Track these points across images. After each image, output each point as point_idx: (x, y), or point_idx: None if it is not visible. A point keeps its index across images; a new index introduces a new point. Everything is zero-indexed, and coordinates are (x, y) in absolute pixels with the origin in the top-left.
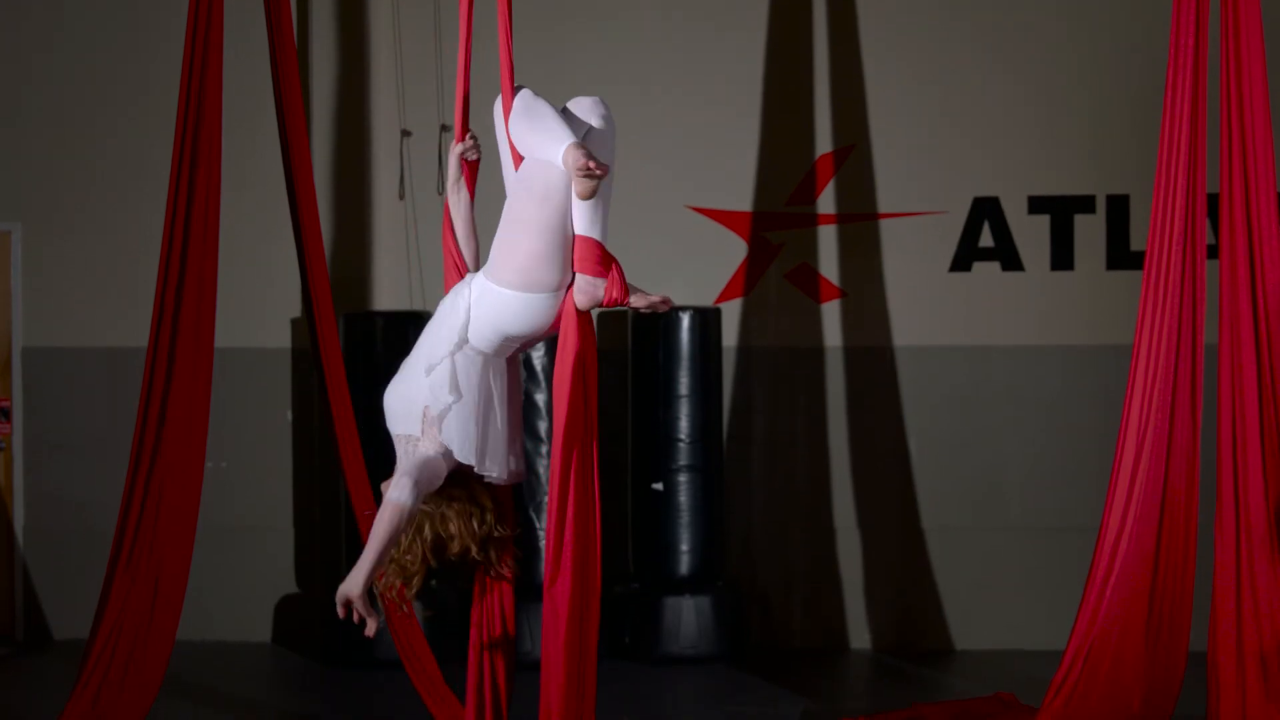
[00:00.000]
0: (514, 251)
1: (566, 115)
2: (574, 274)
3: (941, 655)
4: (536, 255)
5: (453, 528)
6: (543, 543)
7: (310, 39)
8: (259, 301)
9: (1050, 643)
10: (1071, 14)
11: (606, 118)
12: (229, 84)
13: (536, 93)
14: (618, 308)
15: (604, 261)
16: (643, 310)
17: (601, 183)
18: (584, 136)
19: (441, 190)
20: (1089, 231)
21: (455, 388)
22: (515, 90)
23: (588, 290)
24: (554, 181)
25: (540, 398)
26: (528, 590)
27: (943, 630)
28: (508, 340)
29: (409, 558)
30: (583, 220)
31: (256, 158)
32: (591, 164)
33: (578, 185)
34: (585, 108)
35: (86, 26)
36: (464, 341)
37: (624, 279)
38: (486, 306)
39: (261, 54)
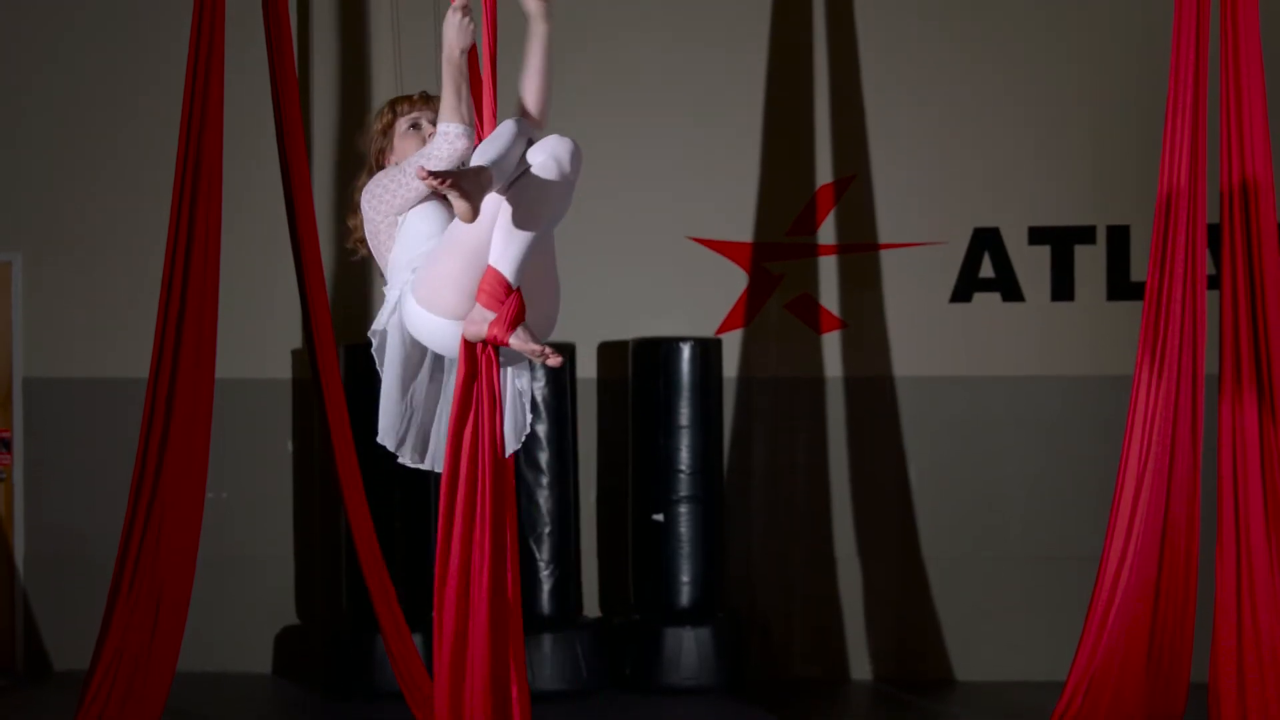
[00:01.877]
0: (431, 267)
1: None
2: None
3: (942, 685)
4: (444, 277)
5: None
6: (543, 572)
7: (311, 68)
8: (260, 332)
9: (1051, 673)
10: (1072, 46)
11: (551, 161)
12: (230, 113)
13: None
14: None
15: (497, 297)
16: (527, 354)
17: (531, 220)
18: (518, 173)
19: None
20: (1089, 262)
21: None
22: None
23: (476, 321)
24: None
25: (541, 428)
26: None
27: (943, 660)
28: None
29: None
30: (495, 250)
31: (257, 188)
32: (434, 180)
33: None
34: (538, 148)
35: (86, 57)
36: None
37: (514, 320)
38: (407, 307)
39: (263, 83)
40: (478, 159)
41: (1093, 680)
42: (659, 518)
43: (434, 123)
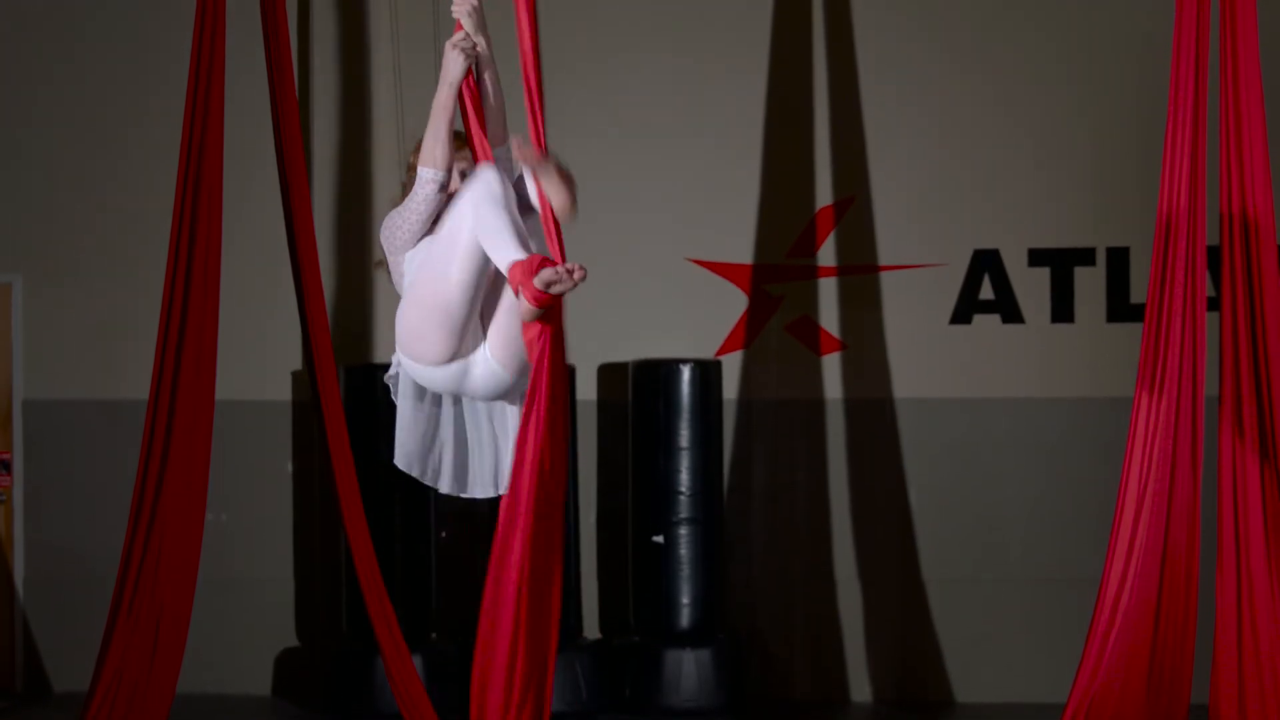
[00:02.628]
0: (402, 321)
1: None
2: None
3: (943, 707)
4: (415, 330)
5: None
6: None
7: (312, 91)
8: (260, 354)
9: (1052, 695)
10: (1072, 67)
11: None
12: (229, 136)
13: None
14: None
15: (530, 274)
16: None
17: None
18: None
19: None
20: (1089, 284)
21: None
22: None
23: (523, 310)
24: (455, 262)
25: None
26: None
27: (944, 682)
28: None
29: None
30: (494, 255)
31: (257, 210)
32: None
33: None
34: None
35: (86, 79)
36: None
37: (535, 272)
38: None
39: (263, 106)
40: (504, 251)
41: (1093, 702)
42: (659, 539)
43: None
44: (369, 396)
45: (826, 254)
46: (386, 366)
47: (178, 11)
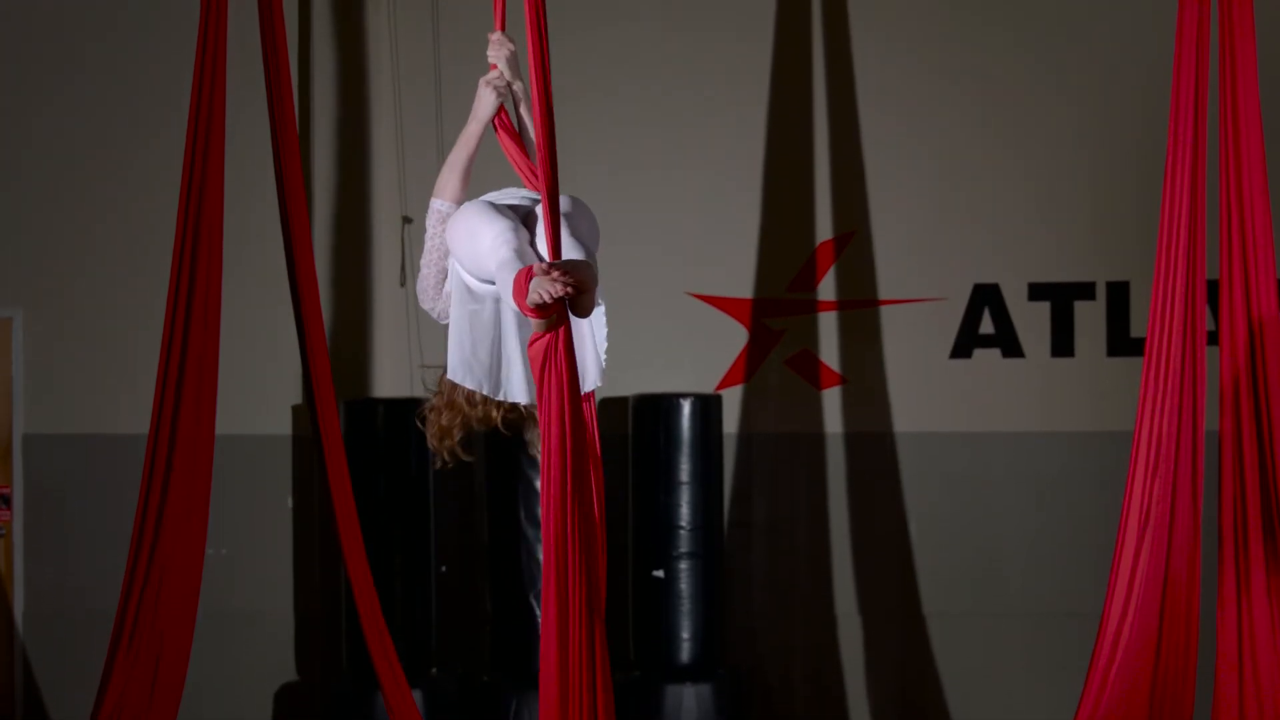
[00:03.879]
0: (452, 227)
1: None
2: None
3: None
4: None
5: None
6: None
7: (312, 123)
8: (260, 388)
9: None
10: (1073, 101)
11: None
12: (230, 168)
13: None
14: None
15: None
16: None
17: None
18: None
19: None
20: (1089, 318)
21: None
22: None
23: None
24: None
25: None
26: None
27: (944, 716)
28: None
29: (444, 417)
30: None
31: (258, 244)
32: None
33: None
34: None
35: (86, 112)
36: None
37: (528, 281)
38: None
39: (263, 139)
40: (503, 277)
41: None
42: (659, 574)
43: None
44: (369, 431)
45: (827, 288)
46: (387, 400)
47: (178, 45)
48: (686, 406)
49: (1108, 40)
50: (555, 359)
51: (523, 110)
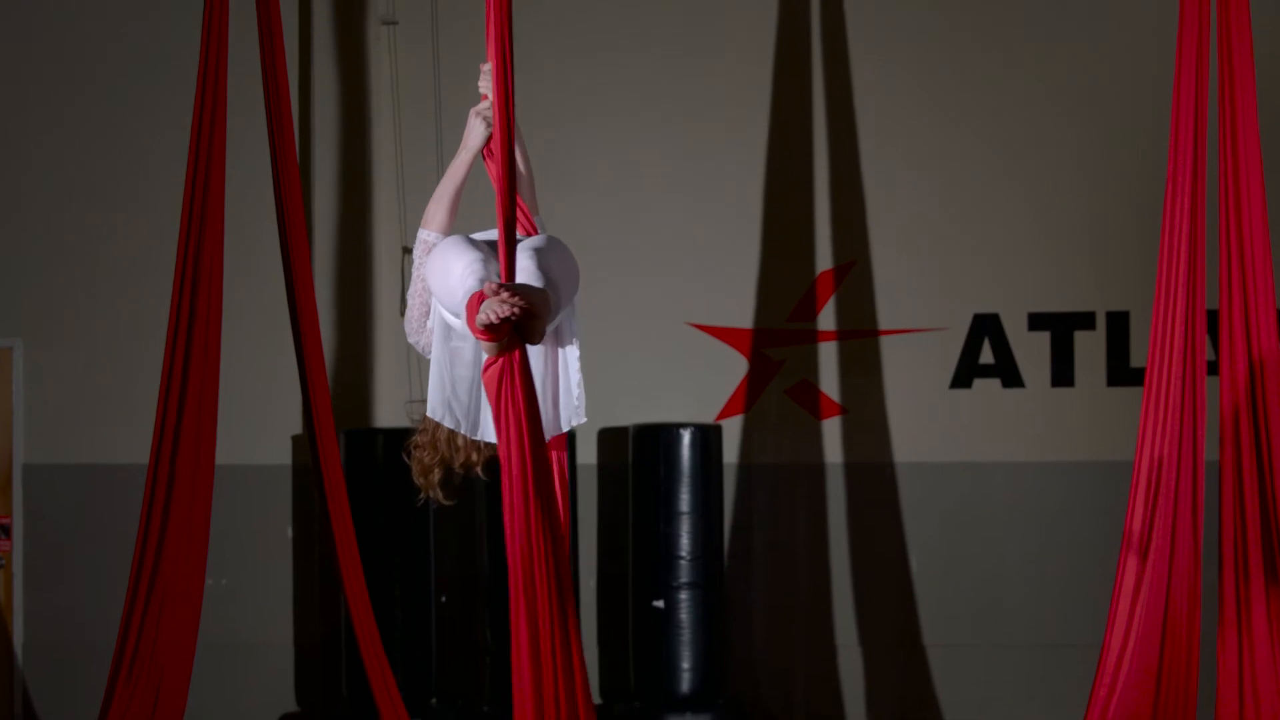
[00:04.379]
0: (430, 267)
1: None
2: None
3: None
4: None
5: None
6: None
7: (313, 154)
8: (260, 418)
9: None
10: (1073, 132)
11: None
12: (230, 198)
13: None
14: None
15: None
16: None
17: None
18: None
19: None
20: (1089, 348)
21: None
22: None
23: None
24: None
25: None
26: None
27: None
28: None
29: (426, 455)
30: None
31: (258, 274)
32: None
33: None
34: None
35: (86, 142)
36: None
37: (478, 305)
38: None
39: (264, 169)
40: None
41: None
42: (659, 604)
43: None
44: (369, 461)
45: (827, 318)
46: (387, 430)
47: (179, 75)
48: (686, 436)
49: (1107, 70)
50: (511, 385)
51: (514, 145)
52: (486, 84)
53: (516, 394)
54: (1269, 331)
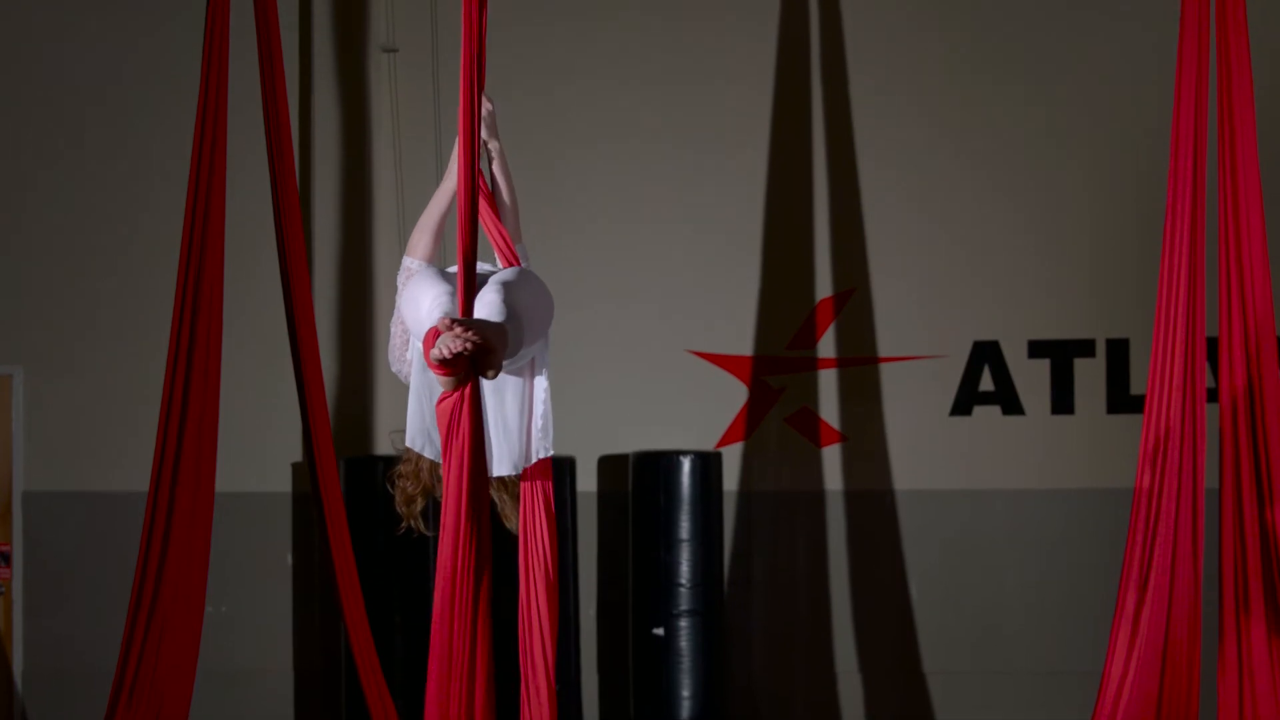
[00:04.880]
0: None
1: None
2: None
3: None
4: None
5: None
6: None
7: (313, 182)
8: (260, 445)
9: None
10: (1072, 159)
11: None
12: (230, 228)
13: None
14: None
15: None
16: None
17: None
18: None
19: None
20: (1089, 375)
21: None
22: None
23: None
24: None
25: None
26: None
27: None
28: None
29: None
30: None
31: (258, 302)
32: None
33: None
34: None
35: (87, 172)
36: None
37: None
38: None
39: (264, 200)
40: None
41: None
42: (659, 631)
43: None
44: (369, 488)
45: (827, 346)
46: (387, 458)
47: (179, 105)
48: (686, 464)
49: (1107, 98)
50: (460, 421)
51: (495, 168)
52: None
53: (464, 428)
54: (1269, 358)
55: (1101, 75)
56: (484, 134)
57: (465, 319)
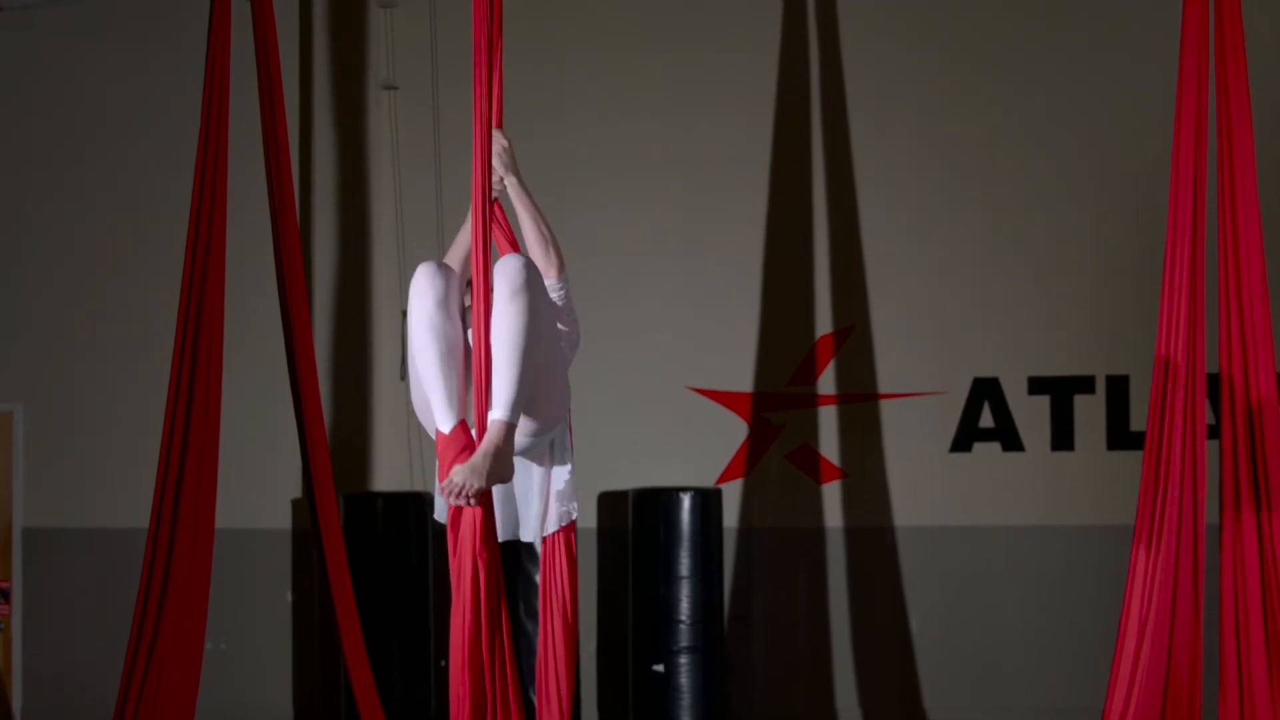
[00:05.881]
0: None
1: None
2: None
3: None
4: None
5: None
6: None
7: (313, 219)
8: (259, 482)
9: None
10: (1072, 196)
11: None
12: (231, 263)
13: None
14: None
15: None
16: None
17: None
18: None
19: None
20: (1089, 412)
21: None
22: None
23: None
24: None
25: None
26: None
27: None
28: None
29: None
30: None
31: (258, 339)
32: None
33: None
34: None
35: (86, 207)
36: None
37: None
38: None
39: (264, 234)
40: (437, 415)
41: None
42: (659, 668)
43: None
44: (369, 525)
45: (826, 382)
46: (387, 494)
47: (180, 140)
48: (686, 500)
49: (1107, 135)
50: (474, 537)
51: (515, 204)
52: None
53: (478, 546)
54: (1269, 394)
55: (1102, 112)
56: (499, 169)
57: (463, 485)
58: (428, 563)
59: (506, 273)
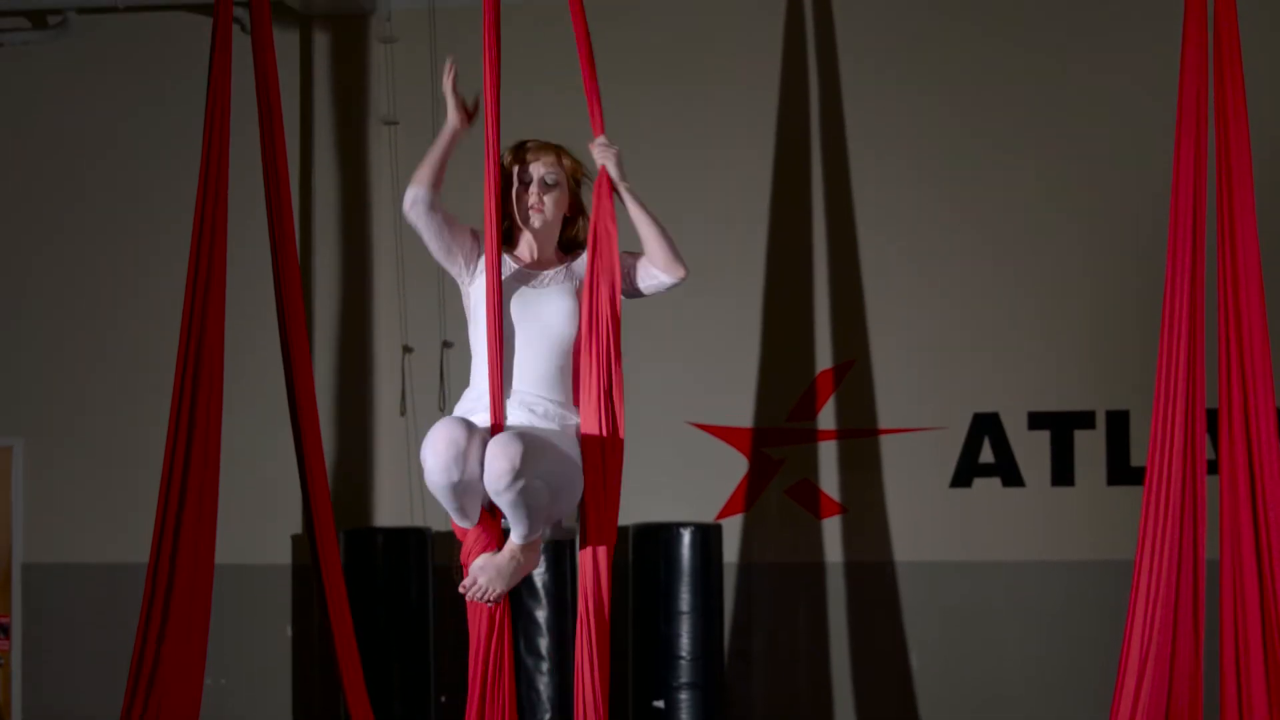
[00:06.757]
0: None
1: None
2: None
3: None
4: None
5: None
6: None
7: (313, 254)
8: (260, 517)
9: None
10: (1072, 229)
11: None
12: (231, 297)
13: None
14: None
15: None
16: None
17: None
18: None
19: (442, 406)
20: (1089, 447)
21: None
22: None
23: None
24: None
25: (541, 614)
26: None
27: None
28: None
29: None
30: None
31: (258, 373)
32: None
33: None
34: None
35: (87, 240)
36: None
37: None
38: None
39: (265, 268)
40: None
41: None
42: (660, 704)
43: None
44: (369, 561)
45: (826, 417)
46: (387, 530)
47: (180, 175)
48: (686, 536)
49: (1107, 169)
50: (496, 628)
51: (632, 214)
52: (601, 154)
53: (501, 630)
54: (1269, 430)
55: (1102, 147)
56: (614, 175)
57: (486, 589)
58: (428, 598)
59: (498, 467)
